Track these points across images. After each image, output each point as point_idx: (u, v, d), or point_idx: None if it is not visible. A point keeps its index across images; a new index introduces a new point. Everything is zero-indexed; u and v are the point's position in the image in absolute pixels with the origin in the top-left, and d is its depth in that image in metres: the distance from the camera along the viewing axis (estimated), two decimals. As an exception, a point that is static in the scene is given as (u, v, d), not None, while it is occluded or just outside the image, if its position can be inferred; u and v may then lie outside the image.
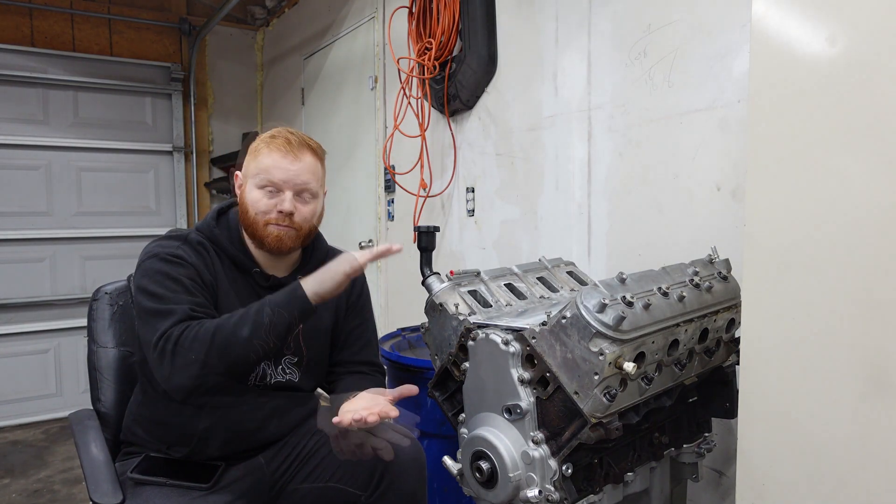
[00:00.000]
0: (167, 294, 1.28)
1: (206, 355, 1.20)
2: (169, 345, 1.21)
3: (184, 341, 1.21)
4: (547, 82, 2.23)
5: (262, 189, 1.37)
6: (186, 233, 1.42)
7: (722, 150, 1.68)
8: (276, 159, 1.36)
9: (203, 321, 1.25)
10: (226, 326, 1.22)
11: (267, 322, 1.22)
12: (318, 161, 1.42)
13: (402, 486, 1.39)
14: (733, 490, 1.35)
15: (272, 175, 1.36)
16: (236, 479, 1.38)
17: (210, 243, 1.42)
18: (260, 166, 1.38)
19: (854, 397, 1.00)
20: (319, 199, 1.45)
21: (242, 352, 1.22)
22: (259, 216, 1.37)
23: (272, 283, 1.44)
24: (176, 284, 1.29)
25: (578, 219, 2.13)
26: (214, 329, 1.22)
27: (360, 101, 3.43)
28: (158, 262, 1.33)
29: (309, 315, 1.27)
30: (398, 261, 3.16)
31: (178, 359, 1.21)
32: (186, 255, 1.35)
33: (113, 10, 4.15)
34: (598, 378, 1.10)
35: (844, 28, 1.00)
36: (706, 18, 1.71)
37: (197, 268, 1.34)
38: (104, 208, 4.11)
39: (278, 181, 1.36)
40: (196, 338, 1.21)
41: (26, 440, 3.59)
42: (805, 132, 1.04)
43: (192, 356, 1.20)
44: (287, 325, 1.25)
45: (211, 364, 1.20)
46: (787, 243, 1.07)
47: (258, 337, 1.22)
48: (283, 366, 1.48)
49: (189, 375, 1.21)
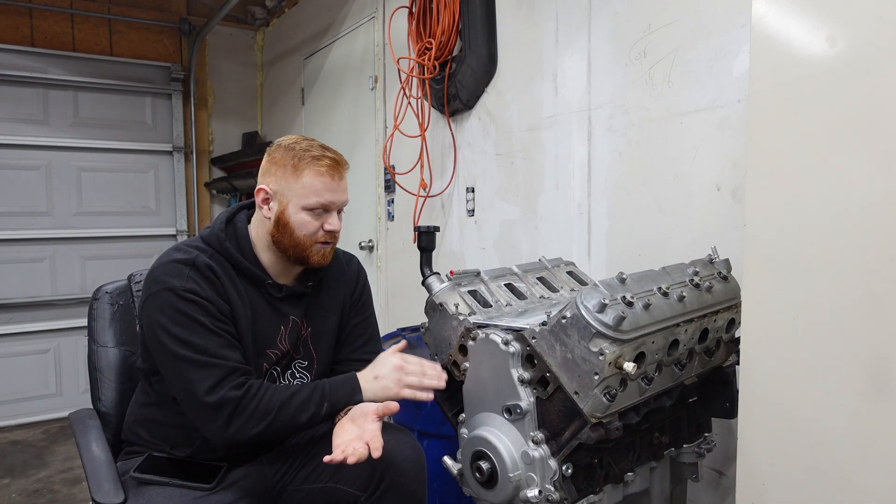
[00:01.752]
0: (198, 342, 1.28)
1: (265, 428, 1.28)
2: (227, 408, 1.26)
3: (245, 409, 1.27)
4: (547, 82, 2.23)
5: (312, 211, 1.38)
6: (194, 255, 1.36)
7: (722, 150, 1.68)
8: (326, 182, 1.37)
9: (262, 390, 1.30)
10: (288, 409, 1.30)
11: (323, 414, 1.34)
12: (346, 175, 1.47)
13: (403, 487, 1.39)
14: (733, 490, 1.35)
15: (324, 198, 1.38)
16: (238, 480, 1.38)
17: (221, 256, 1.40)
18: (309, 189, 1.36)
19: (854, 397, 1.00)
20: None
21: (293, 431, 1.37)
22: (307, 238, 1.39)
23: (285, 294, 1.45)
24: (202, 329, 1.30)
25: (578, 219, 2.13)
26: (278, 408, 1.29)
27: (360, 101, 3.44)
28: (174, 298, 1.30)
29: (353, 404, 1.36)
30: (398, 261, 3.16)
31: (237, 423, 1.27)
32: (199, 287, 1.32)
33: (113, 10, 4.15)
34: (598, 378, 1.10)
35: (844, 28, 1.00)
36: (706, 18, 1.71)
37: (212, 301, 1.33)
38: (104, 208, 4.11)
39: (328, 203, 1.39)
40: (257, 409, 1.28)
41: (26, 440, 3.59)
42: (805, 132, 1.05)
43: (251, 425, 1.27)
44: (335, 415, 1.36)
45: (267, 435, 1.30)
46: (787, 243, 1.07)
47: (309, 424, 1.34)
48: (294, 370, 1.49)
49: (244, 438, 1.28)
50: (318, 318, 1.52)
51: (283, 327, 1.45)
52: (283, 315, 1.45)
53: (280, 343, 1.44)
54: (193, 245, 1.40)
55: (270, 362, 1.43)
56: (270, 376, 1.44)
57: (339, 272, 1.59)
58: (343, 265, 1.61)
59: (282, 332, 1.44)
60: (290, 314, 1.46)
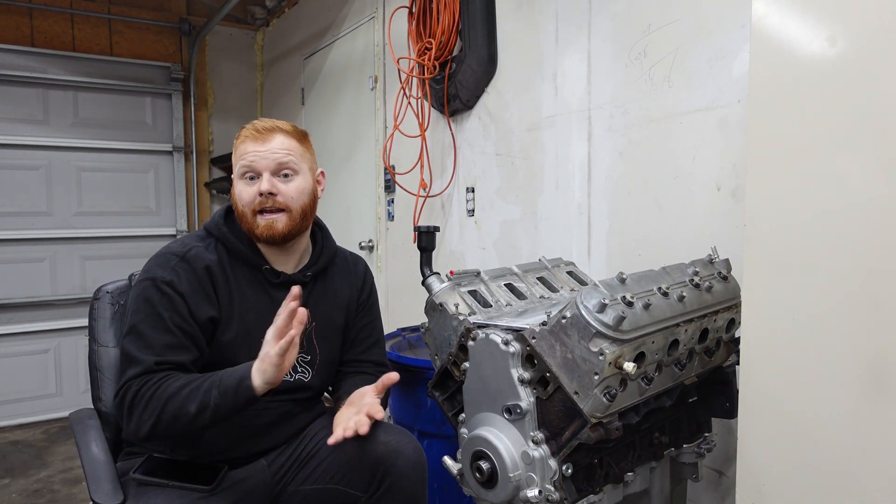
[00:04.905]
0: (146, 333, 1.29)
1: (156, 420, 1.24)
2: (127, 399, 1.26)
3: (139, 400, 1.25)
4: (547, 82, 2.23)
5: (244, 178, 1.40)
6: (188, 247, 1.39)
7: (722, 150, 1.68)
8: (247, 145, 1.40)
9: (162, 382, 1.26)
10: (177, 398, 1.24)
11: (213, 405, 1.23)
12: (291, 139, 1.43)
13: (403, 488, 1.39)
14: (733, 490, 1.35)
15: (246, 159, 1.38)
16: (238, 481, 1.38)
17: (220, 244, 1.42)
18: (238, 157, 1.41)
19: (854, 397, 1.00)
20: (304, 176, 1.44)
21: (188, 424, 1.25)
22: (246, 208, 1.39)
23: (282, 280, 1.45)
24: (158, 323, 1.30)
25: (578, 219, 2.13)
26: (167, 398, 1.24)
27: (360, 101, 3.43)
28: (151, 288, 1.32)
29: (254, 403, 1.26)
30: (398, 261, 3.16)
31: (133, 414, 1.26)
32: (178, 280, 1.33)
33: (113, 10, 4.15)
34: (598, 378, 1.10)
35: (844, 28, 1.00)
36: (706, 18, 1.71)
37: (185, 296, 1.33)
38: (104, 208, 4.11)
39: (252, 163, 1.38)
40: (150, 401, 1.24)
41: (26, 440, 3.59)
42: (805, 132, 1.05)
43: (144, 417, 1.25)
44: (231, 410, 1.24)
45: (160, 429, 1.25)
46: (787, 243, 1.07)
47: (202, 416, 1.24)
48: (296, 364, 1.48)
49: (141, 432, 1.26)
50: (322, 314, 1.51)
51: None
52: (277, 303, 1.44)
53: None
54: (194, 236, 1.44)
55: None
56: None
57: (345, 271, 1.59)
58: (350, 265, 1.62)
59: None
60: None
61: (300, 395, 1.49)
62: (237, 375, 1.24)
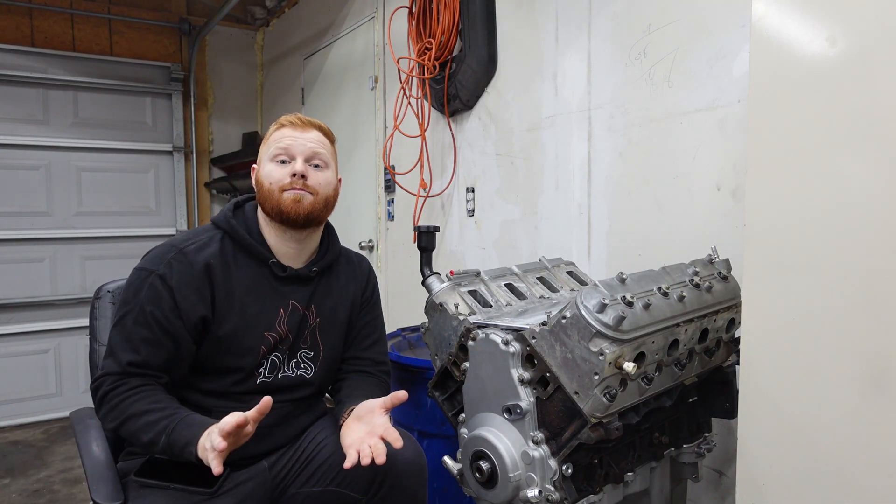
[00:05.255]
0: (127, 324, 1.32)
1: (117, 427, 1.29)
2: (99, 393, 1.30)
3: (108, 401, 1.29)
4: (547, 82, 2.23)
5: (275, 160, 1.42)
6: (191, 240, 1.41)
7: (722, 150, 1.68)
8: (285, 132, 1.44)
9: (129, 395, 1.27)
10: (135, 422, 1.26)
11: (160, 447, 1.23)
12: (326, 138, 1.48)
13: (404, 489, 1.39)
14: (733, 490, 1.35)
15: (282, 143, 1.41)
16: (239, 483, 1.38)
17: (227, 236, 1.43)
18: (272, 142, 1.44)
19: (854, 397, 1.00)
20: (332, 171, 1.48)
21: (142, 447, 1.29)
22: (274, 185, 1.40)
23: (289, 274, 1.45)
24: (139, 313, 1.32)
25: (578, 219, 2.13)
26: (127, 417, 1.26)
27: (360, 101, 3.44)
28: (140, 279, 1.35)
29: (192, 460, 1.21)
30: (398, 261, 3.16)
31: (101, 410, 1.31)
32: (170, 274, 1.34)
33: (113, 10, 4.15)
34: (598, 378, 1.10)
35: (844, 28, 1.00)
36: (706, 18, 1.71)
37: (175, 292, 1.33)
38: (104, 208, 4.11)
39: (288, 147, 1.41)
40: (114, 409, 1.28)
41: (26, 440, 3.59)
42: (805, 132, 1.05)
43: (109, 418, 1.29)
44: (176, 457, 1.23)
45: (121, 434, 1.32)
46: (787, 243, 1.07)
47: (152, 448, 1.26)
48: (299, 359, 1.48)
49: (106, 428, 1.36)
50: (326, 309, 1.51)
51: (283, 310, 1.44)
52: (282, 297, 1.44)
53: (279, 326, 1.43)
54: (200, 229, 1.47)
55: (269, 346, 1.42)
56: (273, 363, 1.43)
57: (350, 269, 1.60)
58: (355, 264, 1.63)
59: (281, 315, 1.43)
60: (291, 298, 1.45)
61: (302, 393, 1.49)
62: (185, 438, 1.20)
